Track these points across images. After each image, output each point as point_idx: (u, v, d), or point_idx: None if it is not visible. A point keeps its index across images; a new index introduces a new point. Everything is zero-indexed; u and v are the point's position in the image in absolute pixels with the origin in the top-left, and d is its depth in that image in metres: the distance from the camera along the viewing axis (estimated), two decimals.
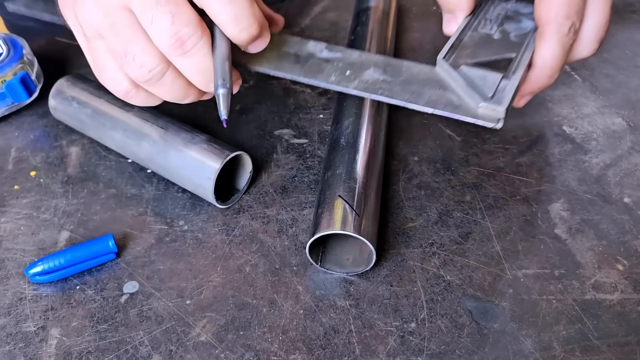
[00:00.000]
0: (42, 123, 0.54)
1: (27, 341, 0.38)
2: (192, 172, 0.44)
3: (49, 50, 0.62)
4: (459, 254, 0.42)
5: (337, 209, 0.40)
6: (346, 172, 0.42)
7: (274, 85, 0.58)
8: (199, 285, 0.41)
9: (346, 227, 0.38)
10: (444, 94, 0.41)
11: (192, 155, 0.44)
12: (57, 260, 0.41)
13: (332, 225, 0.39)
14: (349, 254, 0.42)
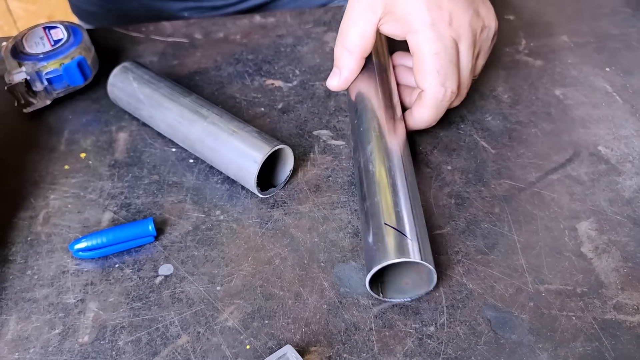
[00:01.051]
0: (94, 108, 0.57)
1: (67, 312, 0.41)
2: (240, 154, 0.46)
3: (106, 39, 0.65)
4: (483, 264, 0.43)
5: (389, 237, 0.39)
6: (385, 200, 0.41)
7: (316, 87, 0.59)
8: (229, 273, 0.43)
9: (405, 253, 0.38)
10: None
11: (242, 138, 0.47)
12: (99, 239, 0.44)
13: (390, 255, 0.38)
14: (406, 278, 0.42)
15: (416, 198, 0.43)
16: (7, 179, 0.50)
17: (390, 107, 0.49)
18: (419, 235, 0.40)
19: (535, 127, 0.54)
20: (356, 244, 0.45)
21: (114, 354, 0.38)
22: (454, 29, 0.47)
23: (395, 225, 0.40)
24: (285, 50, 0.64)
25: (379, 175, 0.43)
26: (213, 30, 0.67)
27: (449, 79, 0.47)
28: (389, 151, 0.45)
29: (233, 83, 0.60)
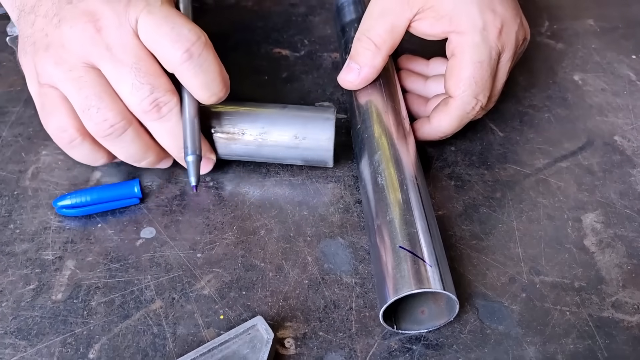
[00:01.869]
0: None
1: (44, 268, 0.40)
2: (313, 113, 0.44)
3: None
4: (477, 250, 0.41)
5: (404, 263, 0.35)
6: (399, 218, 0.37)
7: (324, 59, 0.57)
8: (212, 241, 0.42)
9: (423, 283, 0.34)
10: None
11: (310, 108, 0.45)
12: (84, 197, 0.43)
13: (407, 284, 0.34)
14: (422, 306, 0.38)
15: (432, 216, 0.39)
16: (1, 132, 0.50)
17: (397, 112, 0.45)
18: (438, 259, 0.36)
19: (549, 112, 0.51)
20: (346, 219, 0.43)
21: (85, 314, 0.38)
22: (501, 39, 0.43)
23: (411, 249, 0.35)
24: (297, 20, 0.62)
25: (391, 190, 0.39)
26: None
27: (483, 92, 0.43)
28: (399, 162, 0.41)
29: (239, 50, 0.58)
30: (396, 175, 0.40)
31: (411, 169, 0.40)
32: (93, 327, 0.37)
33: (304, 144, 0.43)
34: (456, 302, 0.35)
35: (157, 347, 0.36)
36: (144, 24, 0.38)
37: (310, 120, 0.43)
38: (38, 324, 0.37)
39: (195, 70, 0.38)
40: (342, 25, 0.55)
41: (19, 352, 0.36)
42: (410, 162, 0.41)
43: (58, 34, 0.38)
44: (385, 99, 0.46)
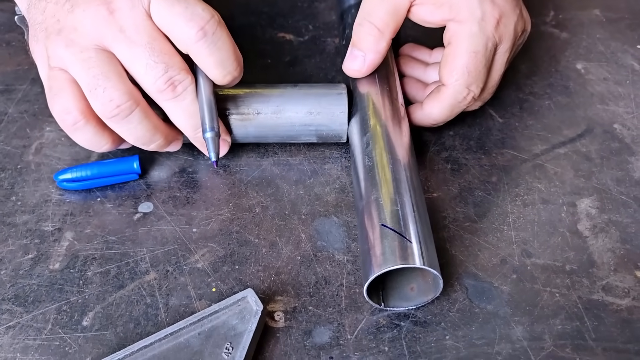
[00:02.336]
0: None
1: (43, 239, 0.41)
2: (326, 89, 0.45)
3: None
4: (470, 231, 0.41)
5: (386, 240, 0.35)
6: (385, 196, 0.37)
7: (327, 44, 0.58)
8: (208, 217, 0.42)
9: (406, 259, 0.34)
10: None
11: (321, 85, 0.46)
12: (84, 171, 0.44)
13: (387, 261, 0.34)
14: (411, 282, 0.38)
15: (420, 196, 0.39)
16: (7, 108, 0.51)
17: (391, 95, 0.45)
18: (423, 237, 0.36)
19: (550, 99, 0.51)
20: (341, 199, 0.43)
21: (80, 283, 0.38)
22: (499, 30, 0.43)
23: (395, 226, 0.36)
24: (302, 6, 0.62)
25: (379, 170, 0.39)
26: None
27: (476, 83, 0.43)
28: (390, 144, 0.41)
29: (244, 34, 0.59)
30: (385, 156, 0.40)
31: (401, 150, 0.41)
32: (88, 295, 0.38)
33: (319, 119, 0.44)
34: (439, 277, 0.35)
35: (150, 317, 0.37)
36: (157, 4, 0.38)
37: (324, 96, 0.44)
38: (35, 291, 0.38)
39: (210, 49, 0.39)
40: (341, 12, 0.55)
41: (15, 318, 0.37)
42: (400, 144, 0.41)
43: (71, 18, 0.39)
44: (380, 81, 0.46)
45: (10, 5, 0.61)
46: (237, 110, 0.44)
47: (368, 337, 0.36)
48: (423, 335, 0.36)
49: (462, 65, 0.42)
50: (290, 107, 0.44)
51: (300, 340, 0.36)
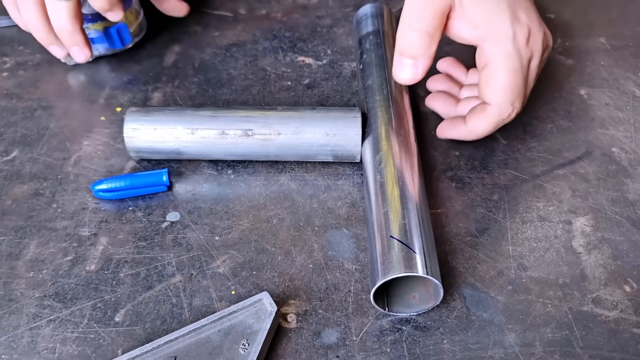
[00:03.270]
0: (136, 69, 0.62)
1: (80, 242, 0.45)
2: (341, 113, 0.49)
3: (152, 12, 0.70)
4: (471, 245, 0.45)
5: (393, 251, 0.39)
6: (394, 211, 0.41)
7: (344, 67, 0.62)
8: (229, 226, 0.46)
9: (410, 268, 0.37)
10: None
11: (337, 109, 0.50)
12: (118, 182, 0.48)
13: (393, 269, 0.38)
14: (414, 291, 0.41)
15: (425, 211, 0.42)
16: (49, 123, 0.55)
17: (400, 112, 0.49)
18: (426, 248, 0.39)
19: (552, 123, 0.54)
20: (352, 213, 0.47)
21: (114, 283, 0.42)
22: (529, 46, 0.46)
23: (401, 239, 0.39)
24: (322, 31, 0.67)
25: (388, 186, 0.43)
26: (257, 7, 0.70)
27: (519, 99, 0.46)
28: (399, 162, 0.44)
29: (266, 57, 0.63)
30: (395, 174, 0.43)
31: (410, 169, 0.44)
32: (120, 294, 0.42)
33: (335, 140, 0.48)
34: (440, 286, 0.38)
35: (175, 315, 0.41)
36: None
37: (340, 119, 0.48)
38: (73, 289, 0.42)
39: None
40: (359, 38, 0.59)
41: (55, 313, 0.41)
42: (409, 163, 0.45)
43: None
44: (393, 104, 0.50)
45: None
46: (259, 130, 0.48)
47: (372, 339, 0.39)
48: (423, 339, 0.39)
49: (504, 84, 0.45)
50: (309, 129, 0.48)
51: (310, 340, 0.39)
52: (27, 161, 0.52)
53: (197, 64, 0.62)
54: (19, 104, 0.58)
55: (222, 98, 0.58)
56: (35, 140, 0.54)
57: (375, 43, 0.57)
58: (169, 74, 0.61)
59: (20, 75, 0.61)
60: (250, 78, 0.60)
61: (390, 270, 0.38)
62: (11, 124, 0.56)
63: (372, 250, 0.41)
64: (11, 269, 0.44)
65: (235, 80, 0.60)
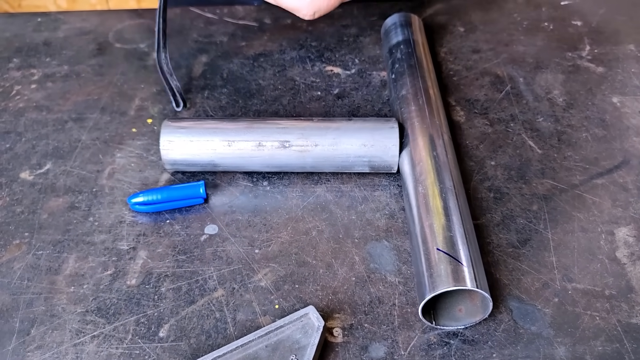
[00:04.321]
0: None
1: (120, 256, 0.45)
2: (378, 123, 0.48)
3: (182, 18, 0.70)
4: (514, 257, 0.44)
5: (441, 264, 0.38)
6: (438, 223, 0.41)
7: (373, 77, 0.61)
8: (268, 239, 0.46)
9: (459, 281, 0.37)
10: None
11: (373, 119, 0.49)
12: (155, 195, 0.48)
13: (442, 283, 0.37)
14: (460, 304, 0.41)
15: (469, 222, 0.42)
16: (81, 136, 0.55)
17: (437, 122, 0.49)
18: (473, 261, 0.39)
19: (587, 131, 0.54)
20: (391, 224, 0.47)
21: (155, 298, 0.42)
22: None
23: (448, 251, 0.39)
24: (348, 40, 0.66)
25: (431, 198, 0.42)
26: (282, 17, 0.70)
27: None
28: (440, 173, 0.44)
29: (294, 67, 0.63)
30: (437, 185, 0.43)
31: (450, 180, 0.44)
32: (163, 309, 0.41)
33: (372, 151, 0.47)
34: (489, 299, 0.38)
35: (219, 330, 0.40)
36: None
37: (377, 130, 0.48)
38: (115, 304, 0.42)
39: None
40: (389, 47, 0.59)
41: (99, 328, 0.40)
42: (449, 174, 0.45)
43: None
44: (429, 114, 0.49)
45: (75, 39, 0.67)
46: (296, 142, 0.48)
47: (420, 353, 0.39)
48: (472, 352, 0.39)
49: None
50: (346, 140, 0.48)
51: (358, 355, 0.39)
52: (60, 174, 0.52)
53: (226, 75, 0.62)
54: (49, 116, 0.58)
55: (252, 109, 0.58)
56: (68, 152, 0.54)
57: (406, 52, 0.56)
58: (197, 84, 0.61)
59: (49, 87, 0.61)
60: (280, 88, 0.60)
61: (439, 284, 0.37)
62: (42, 136, 0.55)
63: (417, 263, 0.40)
64: (51, 283, 0.43)
65: (265, 90, 0.60)
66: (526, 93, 0.58)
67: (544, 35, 0.66)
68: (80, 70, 0.63)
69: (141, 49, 0.66)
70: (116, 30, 0.69)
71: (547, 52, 0.63)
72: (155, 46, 0.56)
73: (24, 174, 0.52)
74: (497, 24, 0.68)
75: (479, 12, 0.70)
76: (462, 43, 0.66)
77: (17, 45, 0.66)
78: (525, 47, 0.65)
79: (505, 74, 0.61)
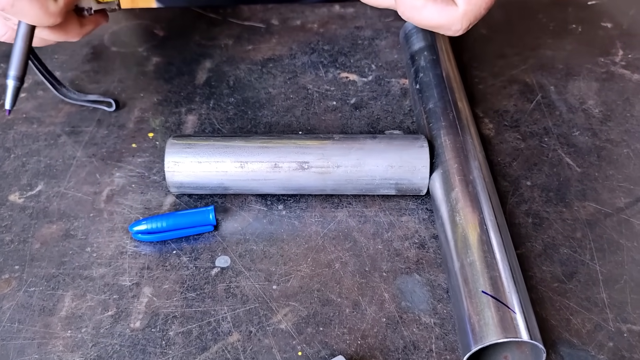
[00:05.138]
0: (166, 88, 0.57)
1: (121, 294, 0.40)
2: (406, 141, 0.44)
3: (183, 19, 0.65)
4: (560, 293, 0.40)
5: (488, 310, 0.34)
6: (480, 260, 0.36)
7: (392, 84, 0.57)
8: (287, 273, 0.41)
9: (509, 331, 0.33)
10: None
11: (400, 137, 0.45)
12: (159, 223, 0.43)
13: (490, 333, 0.33)
14: (506, 351, 0.37)
15: (514, 257, 0.38)
16: (76, 152, 0.50)
17: (470, 140, 0.44)
18: (523, 305, 0.35)
19: (628, 147, 0.50)
20: (422, 255, 0.42)
21: (163, 344, 0.38)
22: None
23: (494, 294, 0.35)
24: (363, 43, 0.62)
25: (470, 229, 0.38)
26: (290, 17, 0.65)
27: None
28: (478, 200, 0.40)
29: (307, 73, 0.58)
30: (477, 215, 0.39)
31: (490, 208, 0.40)
32: (172, 358, 0.37)
33: (400, 172, 0.43)
34: (543, 351, 0.34)
35: None
36: None
37: (405, 149, 0.43)
38: (117, 352, 0.37)
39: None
40: (411, 54, 0.54)
41: None
42: (488, 201, 0.40)
43: None
44: (462, 131, 0.45)
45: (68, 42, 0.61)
46: (316, 163, 0.43)
47: None
48: None
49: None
50: (371, 161, 0.43)
51: None
52: (54, 196, 0.47)
53: (232, 82, 0.57)
54: (40, 129, 0.53)
55: (263, 120, 0.53)
56: (62, 171, 0.49)
57: (431, 60, 0.52)
58: (202, 93, 0.56)
59: (40, 96, 0.56)
60: (292, 97, 0.56)
61: (486, 334, 0.33)
62: (33, 152, 0.50)
63: (459, 306, 0.36)
64: (46, 326, 0.39)
65: (276, 100, 0.55)
66: (559, 103, 0.54)
67: (572, 38, 0.61)
68: (73, 77, 0.58)
69: (139, 53, 0.61)
70: (112, 32, 0.64)
71: (577, 57, 0.59)
72: (50, 87, 0.51)
73: (13, 196, 0.47)
74: (521, 25, 0.64)
75: (501, 11, 0.65)
76: (485, 47, 0.61)
77: (4, 49, 0.61)
78: (553, 51, 0.60)
79: (535, 82, 0.56)
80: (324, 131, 0.52)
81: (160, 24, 0.65)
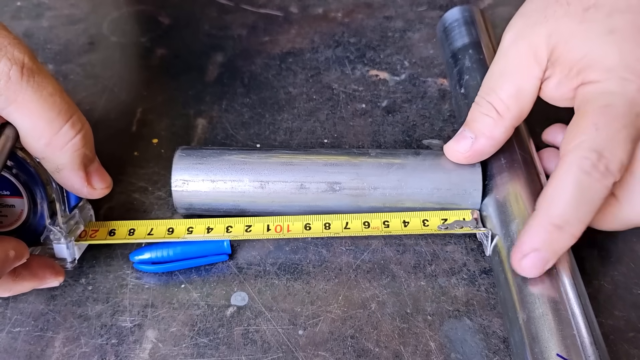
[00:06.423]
0: (172, 86, 0.50)
1: (121, 338, 0.34)
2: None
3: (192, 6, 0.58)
4: (637, 345, 0.34)
5: None
6: (552, 313, 0.31)
7: (428, 85, 0.50)
8: (315, 314, 0.35)
9: None
10: None
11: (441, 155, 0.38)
12: (165, 251, 0.37)
13: None
14: None
15: (588, 308, 0.32)
16: None
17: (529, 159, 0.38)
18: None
19: None
20: (472, 295, 0.36)
21: None
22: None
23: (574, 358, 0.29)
24: (394, 36, 0.55)
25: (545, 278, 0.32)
26: (311, 5, 0.58)
27: (610, 147, 0.31)
28: None
29: (331, 70, 0.52)
30: None
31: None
32: None
33: (447, 197, 0.37)
34: None
35: None
36: None
37: (454, 170, 0.37)
38: None
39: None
40: (452, 52, 0.48)
41: None
42: None
43: None
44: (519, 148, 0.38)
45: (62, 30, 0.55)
46: (349, 184, 0.37)
47: None
48: None
49: (588, 123, 0.31)
50: (414, 183, 0.37)
51: None
52: None
53: (247, 80, 0.51)
54: None
55: (283, 126, 0.47)
56: None
57: (477, 60, 0.45)
58: (213, 92, 0.50)
59: None
60: (315, 99, 0.49)
61: None
62: None
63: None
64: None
65: (297, 101, 0.49)
66: None
67: None
68: (68, 71, 0.52)
69: (142, 44, 0.54)
70: (112, 19, 0.57)
71: None
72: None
73: None
74: None
75: None
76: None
77: None
78: None
79: None
80: (352, 139, 0.45)
81: (165, 10, 0.58)
